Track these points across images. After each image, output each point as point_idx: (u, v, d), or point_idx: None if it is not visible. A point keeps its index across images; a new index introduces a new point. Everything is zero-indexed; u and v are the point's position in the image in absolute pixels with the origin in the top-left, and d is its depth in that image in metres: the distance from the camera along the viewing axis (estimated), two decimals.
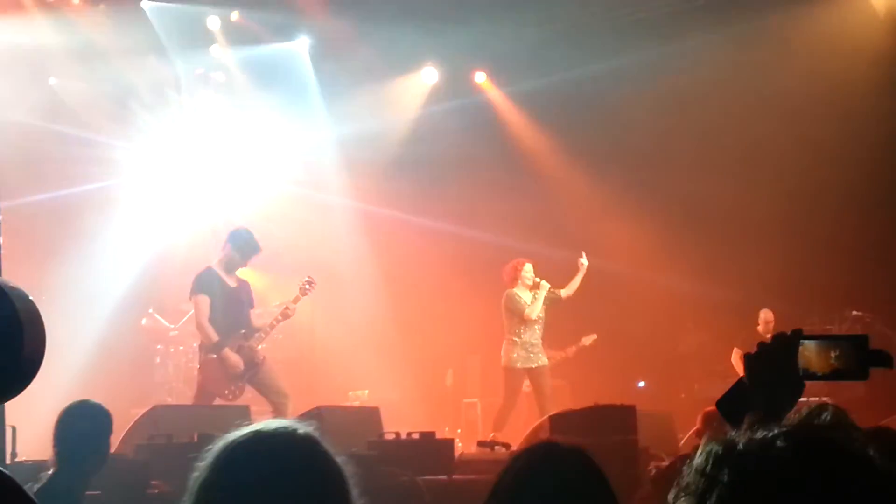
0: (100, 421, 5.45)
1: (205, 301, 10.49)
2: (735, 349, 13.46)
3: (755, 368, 2.38)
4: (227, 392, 10.42)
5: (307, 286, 11.10)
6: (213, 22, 15.08)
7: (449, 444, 8.94)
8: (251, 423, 2.30)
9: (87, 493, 5.47)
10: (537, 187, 15.54)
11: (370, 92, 15.69)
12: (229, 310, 10.59)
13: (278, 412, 10.12)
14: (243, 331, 10.66)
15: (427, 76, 16.16)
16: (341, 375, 14.36)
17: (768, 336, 9.59)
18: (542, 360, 12.18)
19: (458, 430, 13.53)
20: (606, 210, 14.69)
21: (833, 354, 2.36)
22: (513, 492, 3.17)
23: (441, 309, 15.00)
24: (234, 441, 2.23)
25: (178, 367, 14.07)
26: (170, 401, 13.03)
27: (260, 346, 10.74)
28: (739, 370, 13.21)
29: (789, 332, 2.37)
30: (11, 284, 1.76)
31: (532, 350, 12.08)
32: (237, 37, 15.28)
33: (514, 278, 12.20)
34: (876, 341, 2.38)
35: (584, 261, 12.33)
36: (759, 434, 1.40)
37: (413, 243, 15.33)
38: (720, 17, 13.91)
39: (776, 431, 1.40)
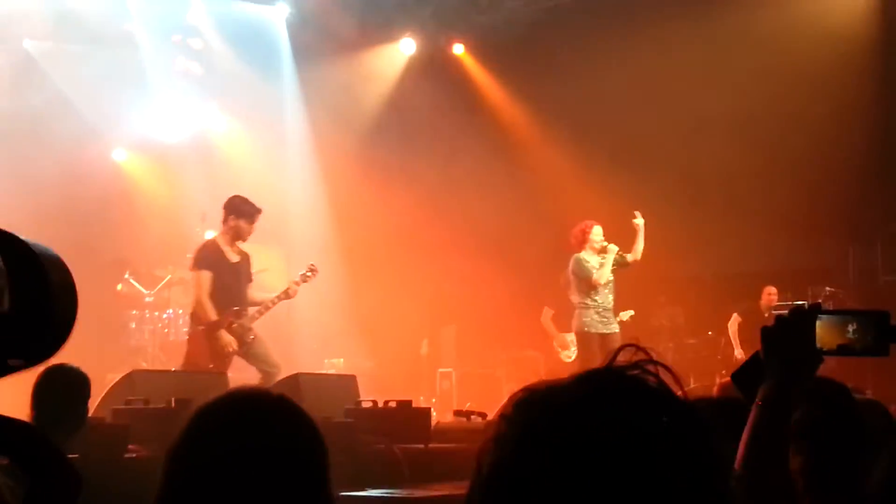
0: (78, 385, 5.45)
1: (207, 277, 10.39)
2: (734, 315, 13.56)
3: (771, 342, 2.36)
4: (212, 366, 10.39)
5: (309, 273, 10.94)
6: None
7: (425, 412, 8.96)
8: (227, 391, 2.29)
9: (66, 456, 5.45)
10: (515, 159, 15.57)
11: (347, 62, 15.67)
12: (228, 286, 10.51)
13: (266, 381, 10.11)
14: (236, 308, 10.61)
15: (405, 47, 16.13)
16: (317, 344, 14.39)
17: (770, 309, 9.57)
18: (615, 326, 11.82)
19: (433, 400, 13.56)
20: (582, 182, 14.71)
21: (851, 329, 2.33)
22: None
23: (417, 278, 15.01)
24: (206, 405, 2.22)
25: (154, 332, 14.04)
26: (145, 366, 13.01)
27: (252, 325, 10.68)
28: (734, 335, 13.39)
29: (807, 306, 2.36)
30: (44, 247, 1.78)
31: (605, 315, 11.70)
32: (214, 2, 15.21)
33: (583, 241, 11.77)
34: None
35: (638, 220, 11.78)
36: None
37: (389, 213, 15.33)
38: None
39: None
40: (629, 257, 11.79)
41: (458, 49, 16.19)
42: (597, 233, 11.76)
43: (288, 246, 15.20)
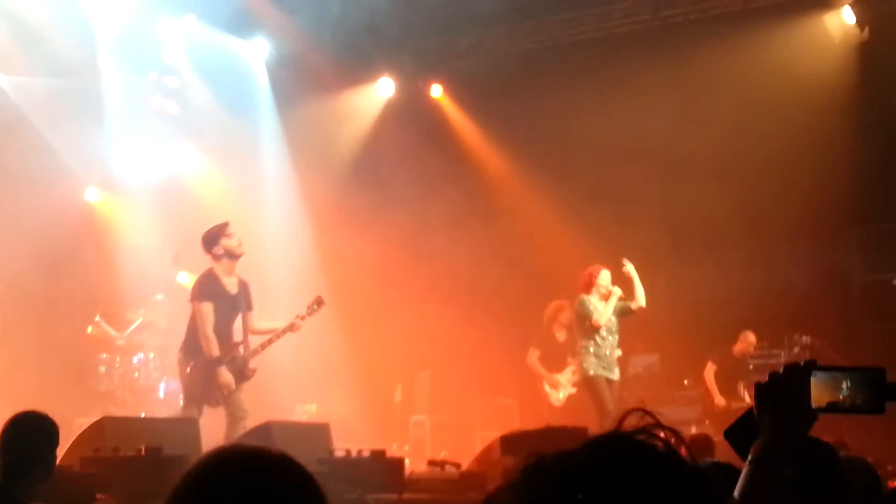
0: (46, 432, 5.35)
1: (209, 309, 10.23)
2: (709, 363, 13.51)
3: (765, 398, 2.32)
4: (211, 399, 10.22)
5: (315, 306, 10.80)
6: (167, 24, 14.93)
7: (399, 462, 8.87)
8: (198, 438, 2.17)
9: None
10: (491, 203, 15.52)
11: (324, 103, 15.63)
12: (228, 318, 10.39)
13: (231, 426, 9.96)
14: (237, 341, 10.43)
15: (383, 88, 16.10)
16: (288, 389, 14.22)
17: (748, 357, 9.57)
18: (616, 373, 11.85)
19: (406, 447, 13.41)
20: (560, 227, 14.68)
21: (845, 386, 2.29)
22: None
23: (391, 323, 14.89)
24: (206, 471, 2.02)
25: (124, 377, 13.84)
26: (114, 411, 12.82)
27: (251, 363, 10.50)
28: (711, 384, 13.32)
29: (802, 363, 2.32)
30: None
31: (606, 360, 11.70)
32: (192, 41, 15.14)
33: (589, 285, 11.79)
34: None
35: (628, 267, 11.75)
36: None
37: (364, 256, 15.22)
38: (678, 37, 14.07)
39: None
40: (633, 305, 11.81)
41: (437, 91, 16.17)
42: (604, 277, 11.79)
43: (261, 289, 15.05)
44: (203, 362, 10.19)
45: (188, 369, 10.34)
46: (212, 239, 10.55)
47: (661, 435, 1.40)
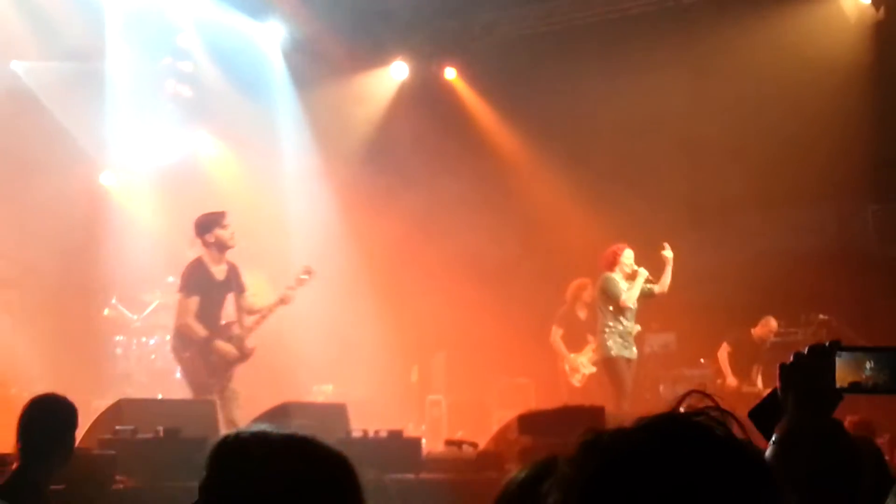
0: (65, 415, 5.38)
1: (194, 302, 10.27)
2: (724, 344, 13.50)
3: (790, 379, 2.31)
4: (213, 382, 10.24)
5: (304, 276, 10.79)
6: (180, 7, 14.93)
7: (416, 442, 8.93)
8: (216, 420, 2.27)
9: (52, 487, 5.40)
10: (506, 184, 15.53)
11: (338, 86, 15.64)
12: (217, 305, 10.42)
13: (226, 405, 10.00)
14: (226, 322, 10.50)
15: (397, 71, 16.11)
16: (305, 370, 14.26)
17: (768, 341, 9.56)
18: (635, 350, 11.84)
19: (423, 427, 13.47)
20: (574, 207, 14.69)
21: (868, 366, 2.29)
22: None
23: (407, 304, 14.94)
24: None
25: (141, 359, 13.91)
26: (131, 393, 12.88)
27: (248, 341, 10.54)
28: (724, 364, 13.32)
29: (826, 344, 2.31)
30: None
31: (627, 339, 11.69)
32: (205, 24, 15.14)
33: (613, 263, 11.71)
34: None
35: (667, 253, 11.75)
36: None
37: (379, 238, 15.25)
38: (691, 17, 14.04)
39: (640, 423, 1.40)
40: (656, 289, 11.77)
41: (451, 73, 16.17)
42: (628, 256, 11.72)
43: (276, 270, 15.09)
44: (198, 346, 10.24)
45: (187, 355, 10.38)
46: (206, 225, 10.55)
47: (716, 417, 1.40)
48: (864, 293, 13.86)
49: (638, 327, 12.23)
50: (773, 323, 13.46)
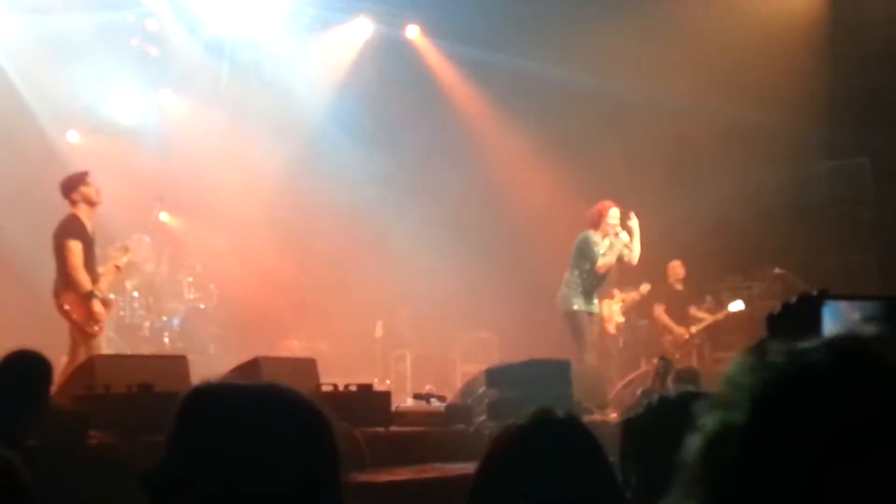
0: (40, 371, 5.46)
1: (77, 246, 10.53)
2: (655, 305, 13.67)
3: (777, 328, 2.23)
4: (98, 330, 10.56)
5: (123, 259, 11.42)
6: None
7: (386, 396, 9.00)
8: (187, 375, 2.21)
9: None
10: (470, 142, 15.62)
11: (302, 43, 15.63)
12: (89, 256, 10.72)
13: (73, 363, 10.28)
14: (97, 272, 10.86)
15: (360, 28, 16.07)
16: (271, 325, 14.37)
17: (678, 287, 9.70)
18: (596, 306, 11.85)
19: (388, 381, 13.61)
20: (540, 165, 14.81)
21: (860, 316, 2.24)
22: (504, 478, 2.66)
23: (371, 259, 15.03)
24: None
25: (109, 315, 13.94)
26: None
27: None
28: (667, 321, 13.51)
29: (815, 292, 2.25)
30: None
31: (591, 296, 11.69)
32: None
33: (598, 222, 11.67)
34: None
35: (633, 222, 11.73)
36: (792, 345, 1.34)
37: (341, 195, 15.34)
38: None
39: (811, 342, 1.33)
40: (625, 257, 11.75)
41: (413, 32, 16.16)
42: (613, 215, 11.68)
43: (239, 228, 15.15)
44: (79, 296, 10.48)
45: (66, 306, 10.60)
46: (71, 185, 10.85)
47: None
48: (817, 248, 14.08)
49: (648, 286, 12.72)
50: (676, 265, 13.71)
